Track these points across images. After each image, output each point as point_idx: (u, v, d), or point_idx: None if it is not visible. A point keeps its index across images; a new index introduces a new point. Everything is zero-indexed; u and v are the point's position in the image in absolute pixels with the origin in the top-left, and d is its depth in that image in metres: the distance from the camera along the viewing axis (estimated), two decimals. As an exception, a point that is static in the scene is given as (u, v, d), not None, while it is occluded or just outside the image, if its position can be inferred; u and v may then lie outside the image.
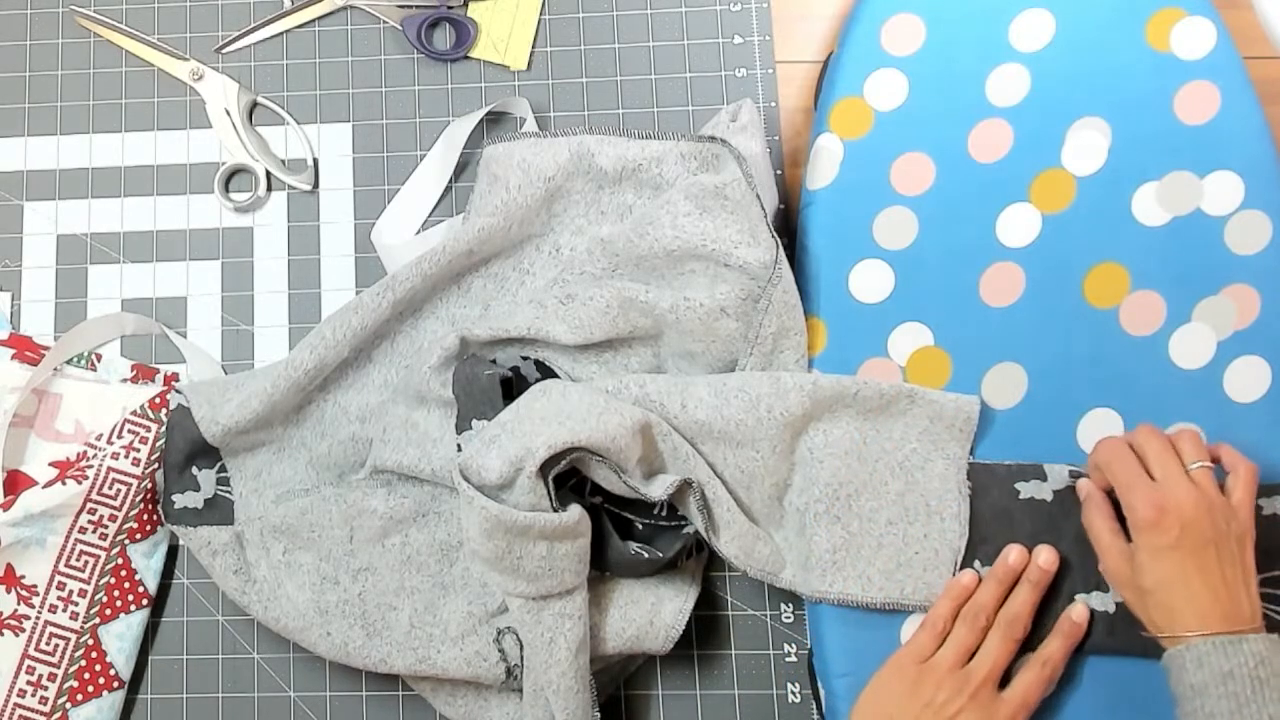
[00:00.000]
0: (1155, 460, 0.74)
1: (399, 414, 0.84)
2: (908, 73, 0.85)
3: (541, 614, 0.78)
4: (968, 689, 0.75)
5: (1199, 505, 0.71)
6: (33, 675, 0.84)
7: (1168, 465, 0.73)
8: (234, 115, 0.92)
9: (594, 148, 0.84)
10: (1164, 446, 0.74)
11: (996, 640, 0.76)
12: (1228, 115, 0.83)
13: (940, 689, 0.75)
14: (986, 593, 0.78)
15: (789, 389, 0.80)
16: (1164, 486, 0.72)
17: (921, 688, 0.75)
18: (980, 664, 0.76)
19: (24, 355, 0.88)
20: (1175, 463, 0.73)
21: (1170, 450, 0.74)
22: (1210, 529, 0.71)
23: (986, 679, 0.75)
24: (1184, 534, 0.71)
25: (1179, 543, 0.71)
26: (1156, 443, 0.74)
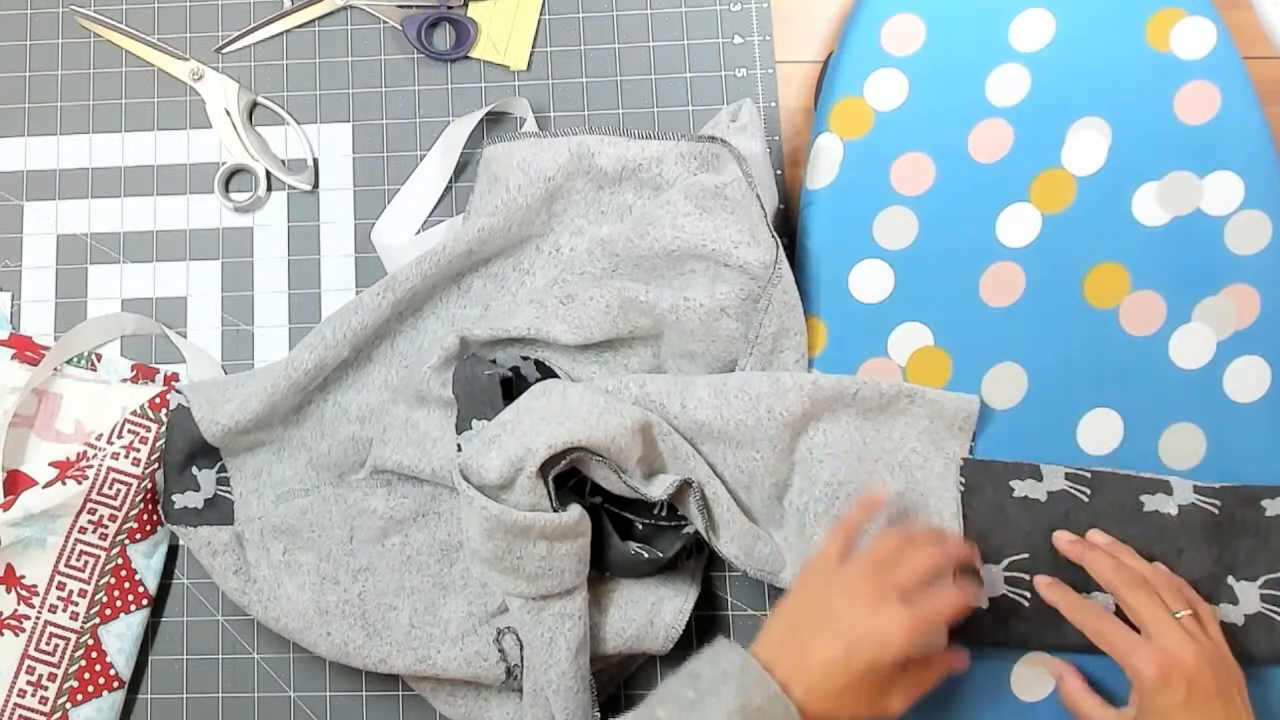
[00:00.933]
0: (1145, 613, 0.72)
1: (399, 414, 0.84)
2: (908, 73, 0.85)
3: (541, 614, 0.78)
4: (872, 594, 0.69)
5: (1199, 657, 0.69)
6: (33, 675, 0.84)
7: (1159, 618, 0.71)
8: (234, 115, 0.92)
9: (594, 148, 0.84)
10: (1150, 595, 0.72)
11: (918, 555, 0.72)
12: (1228, 115, 0.83)
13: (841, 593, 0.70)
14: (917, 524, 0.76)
15: (789, 389, 0.80)
16: (1162, 643, 0.70)
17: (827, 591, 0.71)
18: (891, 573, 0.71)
19: (24, 355, 0.88)
20: (1165, 613, 0.71)
21: (1157, 598, 0.72)
22: (1213, 680, 0.69)
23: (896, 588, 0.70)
24: (1191, 690, 0.69)
25: (1188, 700, 0.68)
26: (1143, 595, 0.72)
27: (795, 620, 0.71)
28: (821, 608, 0.70)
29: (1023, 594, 0.78)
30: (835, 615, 0.69)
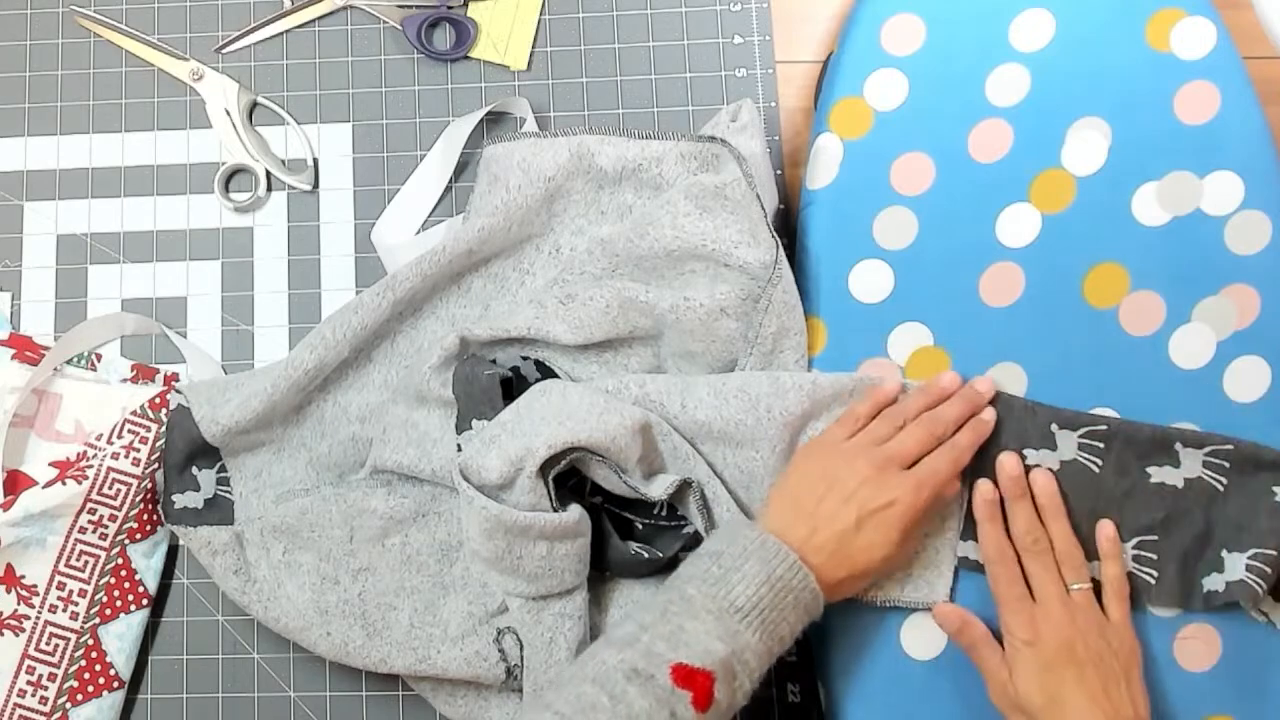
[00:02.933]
0: (1036, 580, 0.76)
1: (399, 414, 0.84)
2: (908, 73, 0.85)
3: (541, 614, 0.78)
4: (872, 464, 0.75)
5: (1072, 625, 0.73)
6: (33, 675, 0.84)
7: (1047, 586, 0.75)
8: (234, 115, 0.92)
9: (594, 148, 0.84)
10: (1047, 565, 0.76)
11: (913, 429, 0.77)
12: (1228, 115, 0.83)
13: (845, 464, 0.75)
14: (913, 403, 0.79)
15: (788, 389, 0.80)
16: (1042, 611, 0.74)
17: (828, 465, 0.75)
18: (890, 445, 0.76)
19: (24, 355, 0.88)
20: (1056, 584, 0.75)
21: (1052, 569, 0.76)
22: (1084, 649, 0.73)
23: (894, 458, 0.75)
24: (1059, 653, 0.72)
25: (1052, 664, 0.72)
26: (1039, 561, 0.76)
27: (800, 493, 0.75)
28: (827, 479, 0.75)
29: None
30: (842, 485, 0.74)
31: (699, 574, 0.71)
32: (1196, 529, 0.79)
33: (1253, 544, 0.77)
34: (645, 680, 0.66)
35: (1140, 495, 0.79)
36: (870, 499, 0.74)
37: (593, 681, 0.67)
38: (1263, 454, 0.78)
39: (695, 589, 0.70)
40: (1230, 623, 0.80)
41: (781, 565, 0.71)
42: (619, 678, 0.67)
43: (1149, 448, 0.79)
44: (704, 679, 0.67)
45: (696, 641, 0.68)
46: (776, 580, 0.70)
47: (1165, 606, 0.80)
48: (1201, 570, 0.79)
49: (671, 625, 0.69)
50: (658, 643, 0.68)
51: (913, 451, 0.76)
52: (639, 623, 0.70)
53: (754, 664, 0.69)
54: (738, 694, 0.69)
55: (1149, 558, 0.79)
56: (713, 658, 0.68)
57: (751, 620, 0.69)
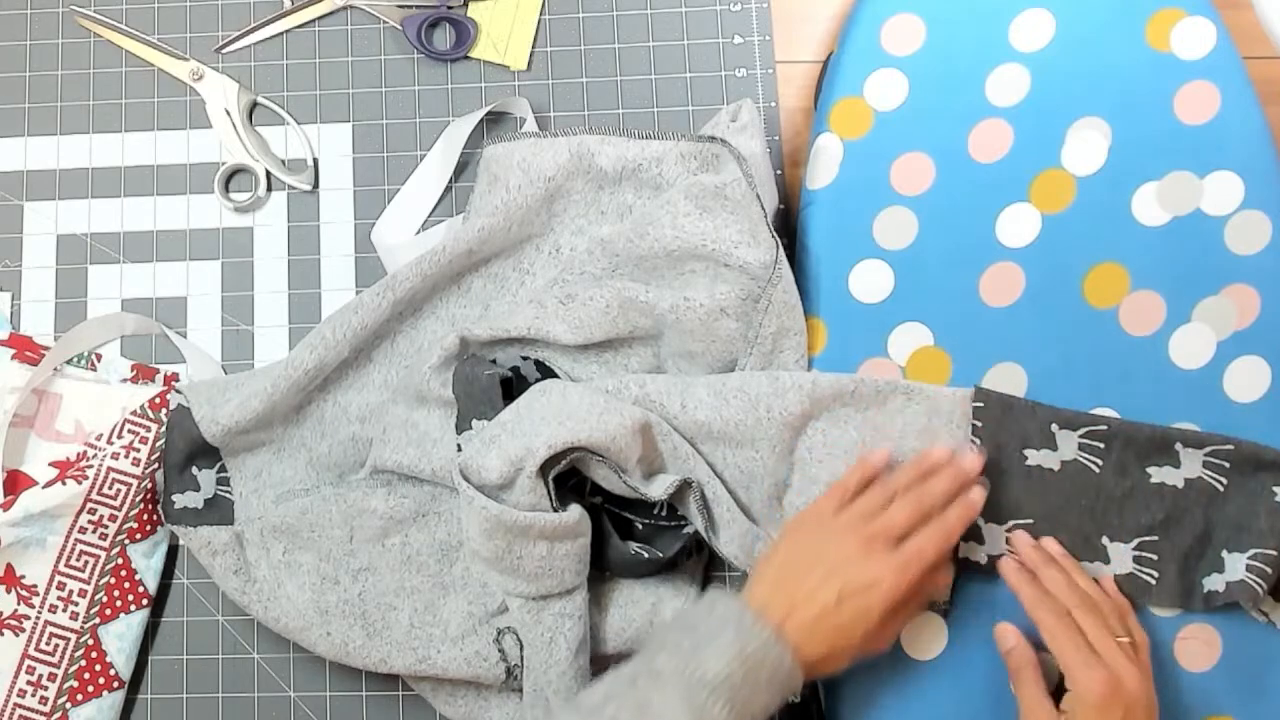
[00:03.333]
0: (1094, 635, 0.73)
1: (399, 414, 0.84)
2: (908, 73, 0.85)
3: (541, 614, 0.78)
4: (859, 541, 0.73)
5: (1140, 687, 0.71)
6: (33, 675, 0.84)
7: (1108, 642, 0.73)
8: (234, 115, 0.92)
9: (594, 148, 0.84)
10: (1099, 619, 0.74)
11: (901, 505, 0.74)
12: (1228, 115, 0.83)
13: (832, 541, 0.73)
14: (902, 475, 0.77)
15: (788, 389, 0.80)
16: (1110, 665, 0.71)
17: (814, 541, 0.74)
18: (878, 521, 0.74)
19: (24, 355, 0.88)
20: (1112, 641, 0.73)
21: (1104, 623, 0.74)
22: (1145, 710, 0.71)
23: (880, 535, 0.73)
24: (1127, 715, 0.71)
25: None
26: (1092, 617, 0.74)
27: (785, 568, 0.73)
28: (812, 555, 0.73)
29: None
30: (826, 562, 0.72)
31: (671, 643, 0.69)
32: (1197, 529, 0.79)
33: (1253, 544, 0.78)
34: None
35: (1140, 495, 0.79)
36: (854, 578, 0.71)
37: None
38: (1263, 454, 0.79)
39: (665, 660, 0.68)
40: (1230, 623, 0.80)
41: (756, 640, 0.68)
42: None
43: (1149, 448, 0.79)
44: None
45: (661, 716, 0.66)
46: (749, 656, 0.68)
47: (1165, 607, 0.80)
48: (1202, 570, 0.79)
49: (638, 698, 0.67)
50: (623, 714, 0.66)
51: (901, 527, 0.73)
52: (606, 691, 0.68)
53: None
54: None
55: (1149, 558, 0.79)
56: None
57: (720, 694, 0.66)
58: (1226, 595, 0.77)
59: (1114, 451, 0.79)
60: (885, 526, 0.74)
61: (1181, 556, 0.79)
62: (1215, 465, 0.79)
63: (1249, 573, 0.77)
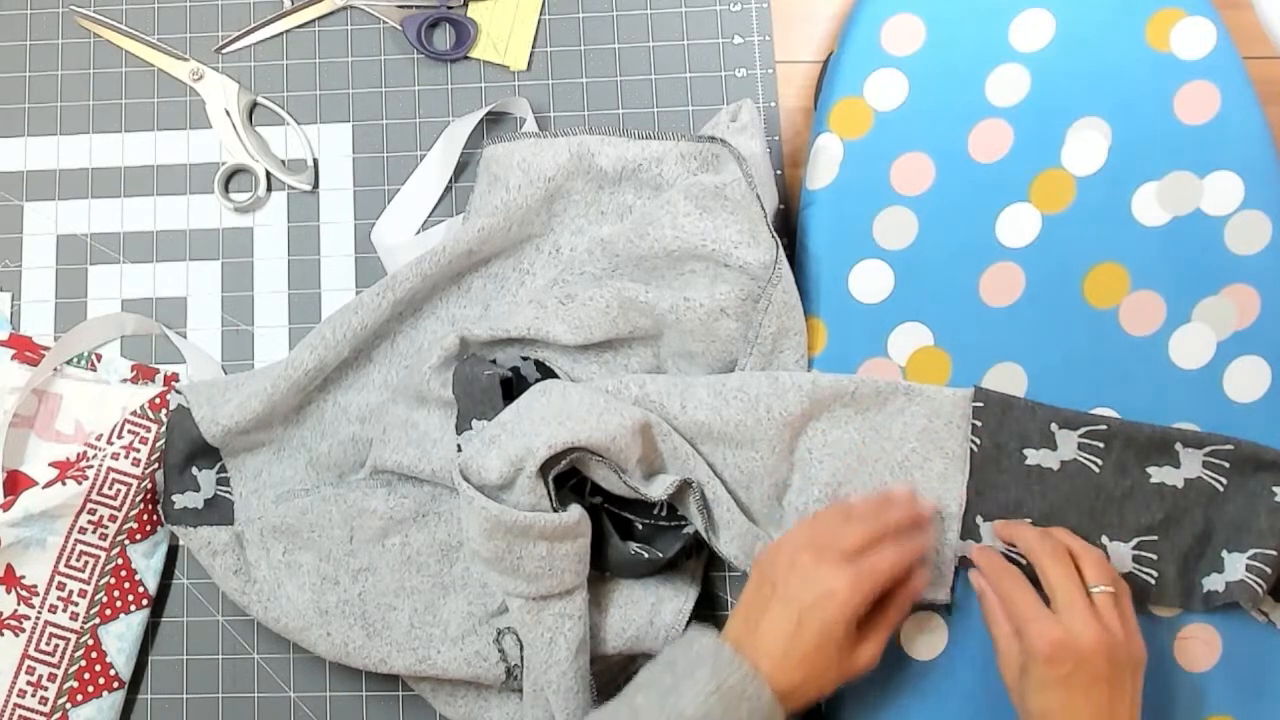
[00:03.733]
0: (1059, 587, 0.72)
1: (399, 414, 0.84)
2: (908, 73, 0.85)
3: (541, 614, 0.78)
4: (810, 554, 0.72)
5: (1098, 642, 0.70)
6: (33, 675, 0.84)
7: (1071, 594, 0.72)
8: (234, 115, 0.92)
9: (594, 148, 0.84)
10: (1068, 572, 0.73)
11: (854, 523, 0.74)
12: (1228, 115, 0.83)
13: (783, 561, 0.72)
14: (861, 502, 0.77)
15: (788, 389, 0.80)
16: (1065, 621, 0.71)
17: (769, 567, 0.73)
18: (832, 536, 0.73)
19: (24, 355, 0.88)
20: (1078, 592, 0.72)
21: (1074, 575, 0.73)
22: (1105, 664, 0.70)
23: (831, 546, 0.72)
24: (1077, 669, 0.70)
25: (1070, 676, 0.70)
26: (1060, 568, 0.73)
27: (750, 601, 0.73)
28: (769, 584, 0.73)
29: (1020, 555, 0.78)
30: (782, 587, 0.72)
31: (650, 681, 0.69)
32: (1196, 529, 0.79)
33: (1252, 544, 0.78)
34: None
35: (1140, 495, 0.79)
36: (807, 593, 0.70)
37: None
38: (1263, 454, 0.79)
39: (644, 698, 0.68)
40: (1230, 623, 0.80)
41: (734, 674, 0.68)
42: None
43: (1149, 448, 0.79)
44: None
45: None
46: (728, 690, 0.68)
47: (1165, 607, 0.80)
48: (1201, 570, 0.79)
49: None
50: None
51: (854, 542, 0.72)
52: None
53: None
54: None
55: (1149, 558, 0.79)
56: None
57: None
58: (1226, 595, 0.77)
59: (1114, 451, 0.80)
60: (835, 539, 0.73)
61: (1181, 556, 0.79)
62: (1215, 465, 0.79)
63: (1249, 573, 0.77)
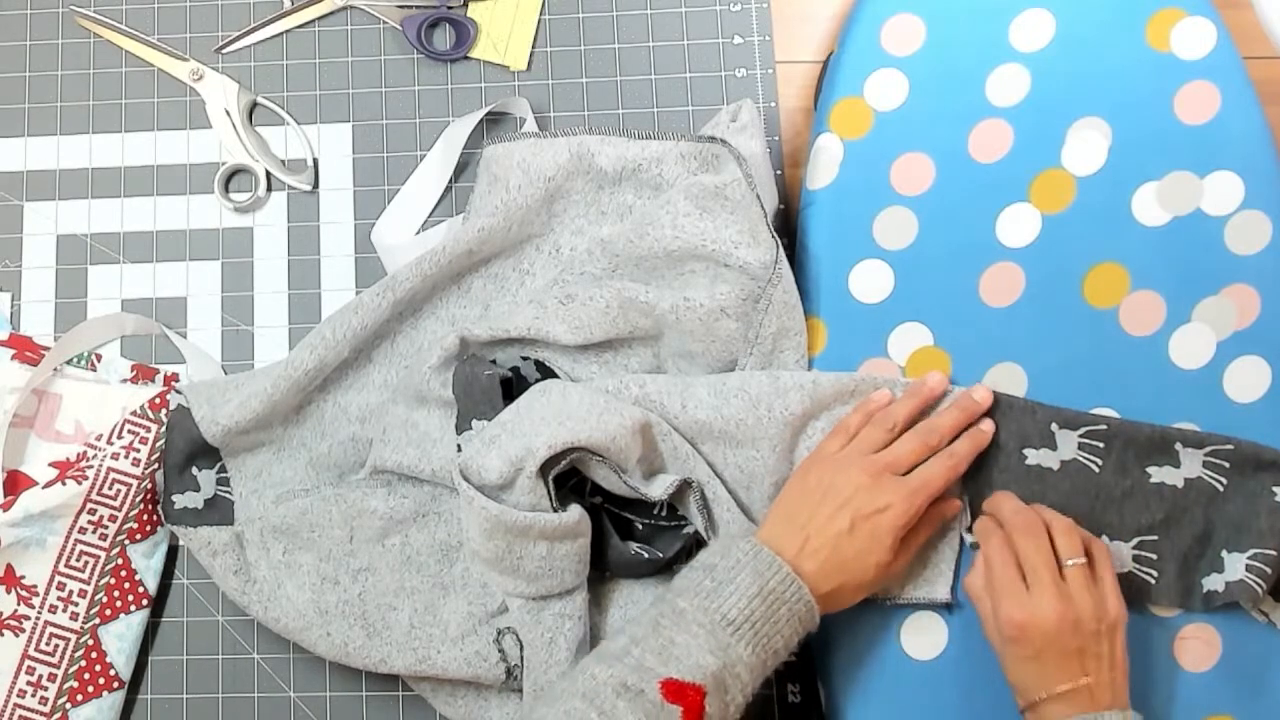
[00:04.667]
0: (1030, 564, 0.73)
1: (399, 414, 0.84)
2: (908, 73, 0.85)
3: (541, 614, 0.78)
4: (866, 471, 0.75)
5: (1064, 619, 0.70)
6: (33, 675, 0.84)
7: (1038, 571, 0.72)
8: (234, 115, 0.92)
9: (594, 148, 0.84)
10: (1038, 547, 0.73)
11: (907, 439, 0.77)
12: (1228, 115, 0.83)
13: (839, 473, 0.75)
14: (901, 406, 0.78)
15: (789, 388, 0.80)
16: (1032, 599, 0.71)
17: (822, 475, 0.75)
18: (884, 453, 0.76)
19: (24, 355, 0.88)
20: (1047, 567, 0.72)
21: (1044, 550, 0.73)
22: (1074, 638, 0.71)
23: (888, 465, 0.75)
24: (1044, 646, 0.71)
25: (1038, 655, 0.71)
26: (1030, 542, 0.73)
27: (796, 504, 0.75)
28: (821, 488, 0.75)
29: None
30: (836, 492, 0.74)
31: (691, 586, 0.71)
32: (1196, 529, 0.79)
33: (1252, 544, 0.78)
34: (634, 695, 0.66)
35: (1140, 495, 0.79)
36: (864, 504, 0.73)
37: (582, 697, 0.67)
38: (1262, 454, 0.79)
39: (687, 602, 0.70)
40: (1230, 623, 0.80)
41: (775, 577, 0.70)
42: (608, 693, 0.66)
43: (1149, 448, 0.79)
44: (694, 693, 0.67)
45: (687, 655, 0.68)
46: (769, 592, 0.70)
47: (1165, 607, 0.80)
48: (1201, 570, 0.79)
49: (662, 639, 0.69)
50: (648, 657, 0.68)
51: (906, 460, 0.76)
52: (630, 636, 0.70)
53: (746, 678, 0.69)
54: (730, 708, 0.69)
55: (1149, 558, 0.79)
56: (704, 671, 0.67)
57: (744, 633, 0.69)
58: (1226, 595, 0.77)
59: (1114, 451, 0.80)
60: (892, 459, 0.76)
61: (1181, 556, 0.79)
62: (1215, 465, 0.79)
63: (1248, 573, 0.77)
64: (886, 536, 0.73)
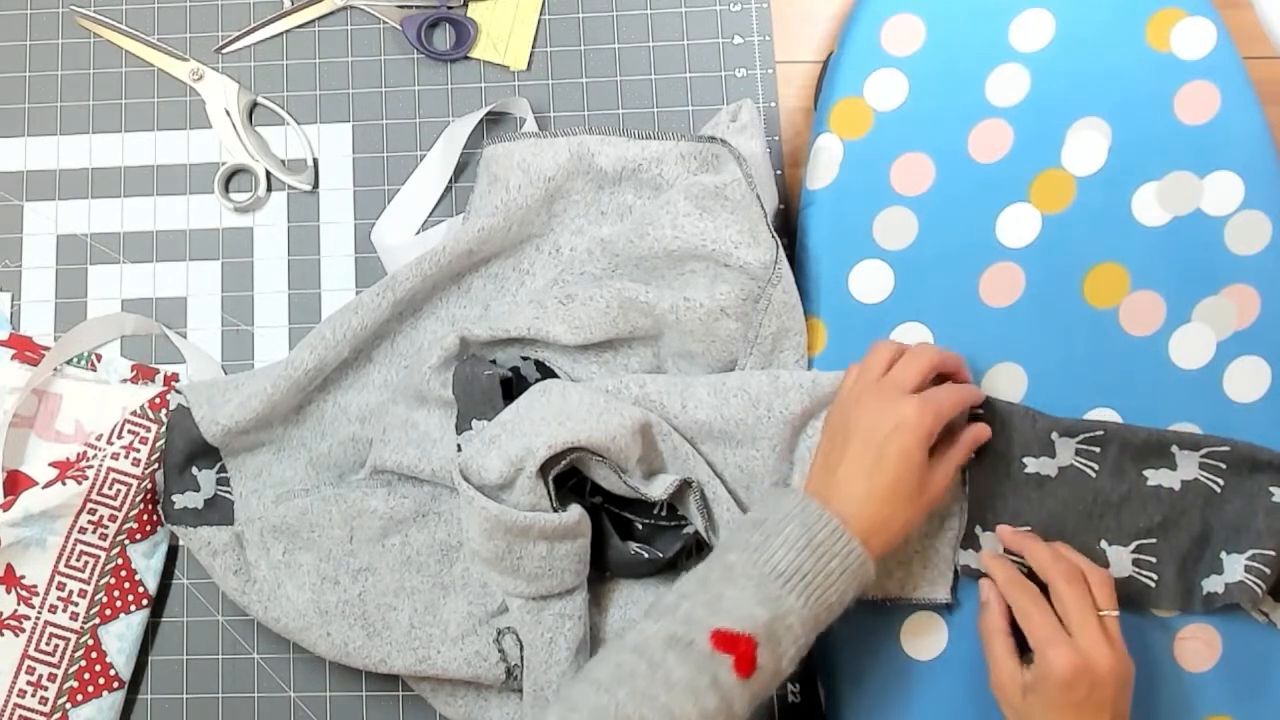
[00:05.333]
0: (1074, 610, 0.73)
1: (399, 414, 0.84)
2: (908, 73, 0.85)
3: (541, 614, 0.78)
4: (875, 395, 0.74)
5: (1110, 667, 0.71)
6: (33, 675, 0.84)
7: (1086, 618, 0.72)
8: (234, 115, 0.92)
9: (594, 148, 0.84)
10: (1082, 594, 0.73)
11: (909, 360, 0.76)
12: (1228, 115, 0.83)
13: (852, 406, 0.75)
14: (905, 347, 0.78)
15: (789, 388, 0.80)
16: (1081, 644, 0.71)
17: (839, 414, 0.75)
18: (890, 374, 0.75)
19: (24, 355, 0.88)
20: (1092, 614, 0.72)
21: (1088, 598, 0.73)
22: (1111, 689, 0.71)
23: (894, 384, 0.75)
24: (1090, 695, 0.70)
25: (1082, 703, 0.70)
26: (1075, 590, 0.73)
27: (827, 452, 0.75)
28: (842, 429, 0.75)
29: (1023, 562, 0.78)
30: (856, 428, 0.74)
31: (740, 541, 0.70)
32: (1194, 531, 0.79)
33: (1251, 545, 0.78)
34: (684, 647, 0.66)
35: (1137, 498, 0.79)
36: (880, 426, 0.73)
37: (632, 650, 0.66)
38: (1259, 455, 0.79)
39: (736, 555, 0.69)
40: (1230, 623, 0.80)
41: (824, 530, 0.70)
42: (658, 645, 0.66)
43: (1145, 451, 0.79)
44: (746, 644, 0.66)
45: (737, 607, 0.67)
46: (818, 544, 0.69)
47: (1165, 609, 0.80)
48: (1200, 572, 0.79)
49: (711, 592, 0.68)
50: (698, 609, 0.67)
51: (912, 378, 0.75)
52: (680, 592, 0.69)
53: (799, 630, 0.68)
54: (783, 660, 0.68)
55: (1148, 561, 0.79)
56: (754, 622, 0.67)
57: (794, 584, 0.68)
58: (1226, 597, 0.77)
59: (1110, 455, 0.79)
60: (899, 376, 0.75)
61: (1180, 559, 0.79)
62: (1212, 467, 0.79)
63: (1248, 574, 0.77)
64: (915, 451, 0.72)
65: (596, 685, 0.65)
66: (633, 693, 0.64)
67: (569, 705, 0.65)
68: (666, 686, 0.64)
